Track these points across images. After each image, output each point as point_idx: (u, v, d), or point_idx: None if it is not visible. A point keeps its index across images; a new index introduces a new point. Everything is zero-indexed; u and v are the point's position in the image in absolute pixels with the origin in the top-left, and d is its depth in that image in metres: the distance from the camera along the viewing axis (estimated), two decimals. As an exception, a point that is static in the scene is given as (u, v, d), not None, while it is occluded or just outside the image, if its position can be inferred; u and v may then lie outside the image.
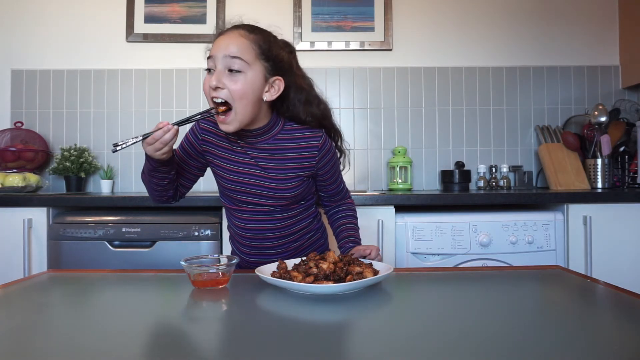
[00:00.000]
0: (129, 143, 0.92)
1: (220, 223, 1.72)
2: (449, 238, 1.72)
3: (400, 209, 1.78)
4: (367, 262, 0.91)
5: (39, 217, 1.75)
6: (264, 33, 1.06)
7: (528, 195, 1.77)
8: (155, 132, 0.93)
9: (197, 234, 1.69)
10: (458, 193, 1.88)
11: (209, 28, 2.35)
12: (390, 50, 2.39)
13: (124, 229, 1.69)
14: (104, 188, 2.26)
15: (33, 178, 2.09)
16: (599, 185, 2.17)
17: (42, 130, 2.34)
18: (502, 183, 2.29)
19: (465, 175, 2.22)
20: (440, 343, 0.57)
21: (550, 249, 1.73)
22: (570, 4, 2.42)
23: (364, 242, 1.21)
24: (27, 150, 2.20)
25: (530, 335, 0.59)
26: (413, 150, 2.39)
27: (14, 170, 2.14)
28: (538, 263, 1.70)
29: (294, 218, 1.17)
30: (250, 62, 1.01)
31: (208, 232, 1.69)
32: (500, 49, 2.42)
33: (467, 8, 2.41)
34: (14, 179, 2.02)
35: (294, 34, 2.36)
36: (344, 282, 0.80)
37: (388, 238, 1.74)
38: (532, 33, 2.41)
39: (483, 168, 2.31)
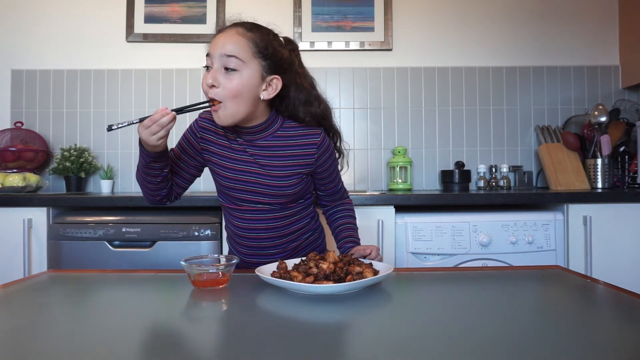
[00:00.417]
0: (125, 124, 0.92)
1: (220, 223, 1.72)
2: (449, 238, 1.72)
3: (400, 209, 1.78)
4: (367, 262, 0.91)
5: (39, 217, 1.75)
6: (263, 31, 1.05)
7: (528, 195, 1.77)
8: (153, 115, 0.93)
9: (197, 234, 1.69)
10: (458, 193, 1.88)
11: (209, 28, 2.35)
12: (390, 50, 2.39)
13: (124, 229, 1.69)
14: (104, 188, 2.27)
15: (33, 178, 2.09)
16: (599, 185, 2.17)
17: (42, 130, 2.34)
18: (502, 183, 2.29)
19: (465, 175, 2.22)
20: (440, 343, 0.57)
21: (550, 249, 1.73)
22: (570, 4, 2.42)
23: (364, 242, 1.21)
24: (27, 150, 2.20)
25: (530, 335, 0.59)
26: (413, 150, 2.39)
27: (14, 170, 2.14)
28: (538, 263, 1.70)
29: (292, 217, 1.17)
30: (247, 60, 1.00)
31: (208, 232, 1.69)
32: (500, 49, 2.42)
33: (467, 8, 2.41)
34: (14, 179, 2.02)
35: (294, 34, 2.36)
36: (344, 282, 0.80)
37: (388, 238, 1.74)
38: (532, 33, 2.41)
39: (483, 168, 2.31)
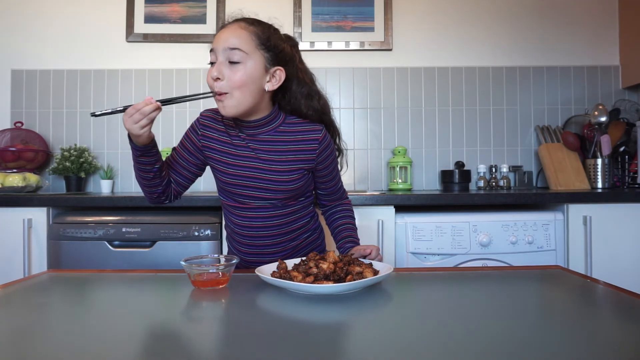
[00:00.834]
0: (109, 111, 0.95)
1: (220, 223, 1.72)
2: (449, 238, 1.71)
3: (400, 209, 1.78)
4: (367, 262, 0.92)
5: (39, 217, 1.75)
6: (264, 25, 1.08)
7: (528, 195, 1.77)
8: (137, 103, 0.95)
9: (197, 234, 1.69)
10: (458, 193, 1.88)
11: (209, 28, 2.35)
12: (390, 50, 2.39)
13: (124, 229, 1.69)
14: (104, 188, 2.27)
15: (33, 178, 2.09)
16: (599, 185, 2.17)
17: (42, 130, 2.34)
18: (502, 183, 2.29)
19: (465, 175, 2.22)
20: (440, 343, 0.57)
21: (550, 249, 1.73)
22: (571, 4, 2.42)
23: (364, 242, 1.21)
24: (27, 150, 2.20)
25: (530, 336, 0.59)
26: (413, 150, 2.39)
27: (14, 170, 2.14)
28: (538, 263, 1.70)
29: (292, 215, 1.17)
30: (250, 52, 1.02)
31: (208, 232, 1.69)
32: (500, 49, 2.42)
33: (467, 8, 2.41)
34: (14, 179, 2.02)
35: (294, 34, 2.36)
36: (344, 282, 0.80)
37: (388, 238, 1.74)
38: (532, 33, 2.41)
39: (483, 168, 2.31)
